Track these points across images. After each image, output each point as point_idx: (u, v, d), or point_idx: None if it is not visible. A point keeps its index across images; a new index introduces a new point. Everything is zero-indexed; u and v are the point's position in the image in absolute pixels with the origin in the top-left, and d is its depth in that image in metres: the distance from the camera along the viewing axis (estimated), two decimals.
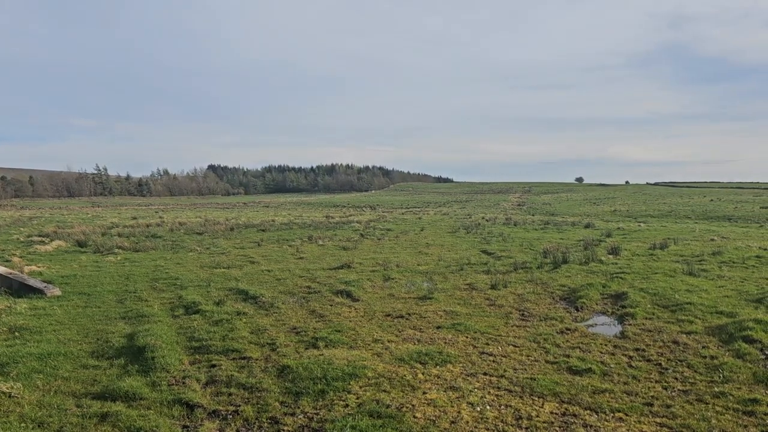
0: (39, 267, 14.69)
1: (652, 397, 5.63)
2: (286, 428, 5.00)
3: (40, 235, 24.63)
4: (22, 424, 4.96)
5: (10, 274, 11.81)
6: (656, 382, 6.07)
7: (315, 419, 5.13)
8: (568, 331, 8.14)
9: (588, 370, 6.38)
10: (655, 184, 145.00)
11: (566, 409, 5.34)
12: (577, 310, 9.53)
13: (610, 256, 15.52)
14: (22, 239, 23.43)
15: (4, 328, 8.24)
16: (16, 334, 7.99)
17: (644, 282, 11.49)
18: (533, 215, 45.98)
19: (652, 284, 11.16)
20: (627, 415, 5.20)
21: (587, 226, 28.97)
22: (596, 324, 8.72)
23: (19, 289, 11.09)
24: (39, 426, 4.98)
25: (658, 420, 5.10)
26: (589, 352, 7.13)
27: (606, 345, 7.43)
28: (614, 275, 12.37)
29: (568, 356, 6.93)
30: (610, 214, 44.95)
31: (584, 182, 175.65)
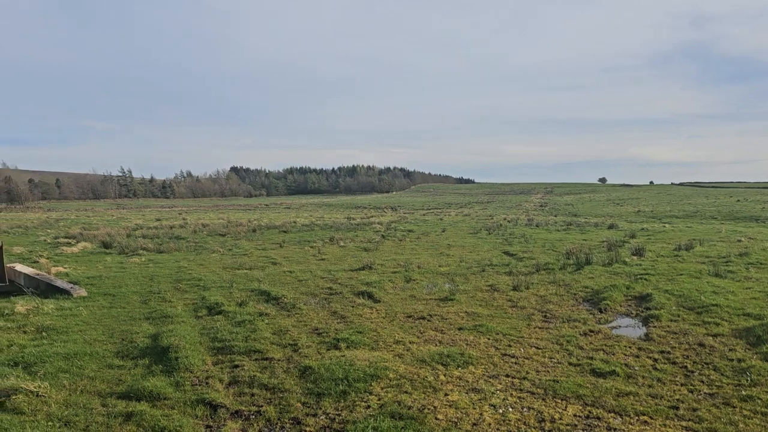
0: (65, 268, 14.96)
1: (678, 400, 5.54)
2: (308, 429, 5.01)
3: (66, 237, 25.09)
4: (50, 423, 5.05)
5: (38, 275, 12.04)
6: (682, 385, 5.97)
7: (337, 420, 5.14)
8: (592, 333, 8.05)
9: (612, 373, 6.30)
10: (680, 184, 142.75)
11: (590, 411, 5.28)
12: (601, 312, 9.41)
13: (634, 258, 15.31)
14: (49, 241, 23.89)
15: (32, 328, 8.41)
16: (44, 334, 8.14)
17: (669, 284, 11.31)
18: (555, 216, 45.59)
19: (678, 286, 10.98)
20: (652, 418, 5.13)
21: (610, 227, 28.63)
22: (620, 326, 8.60)
23: (46, 289, 11.31)
24: (66, 425, 5.06)
25: (684, 424, 5.01)
26: (613, 354, 7.04)
27: (630, 347, 7.32)
28: (638, 277, 12.20)
29: (591, 358, 6.85)
30: (633, 215, 44.35)
31: (607, 183, 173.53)
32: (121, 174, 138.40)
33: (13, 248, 19.91)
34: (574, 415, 5.20)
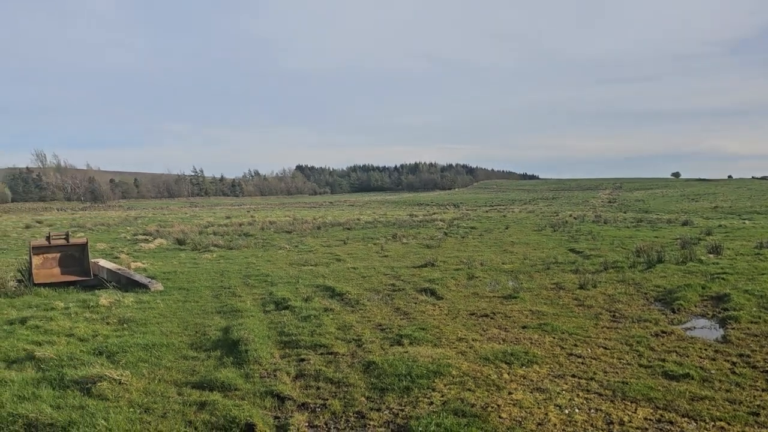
0: (143, 263, 15.75)
1: (758, 406, 5.27)
2: (371, 423, 5.09)
3: (144, 234, 26.41)
4: (131, 409, 5.35)
5: (119, 270, 12.74)
6: (763, 390, 5.67)
7: (400, 415, 5.20)
8: (664, 334, 7.76)
9: (686, 376, 6.05)
10: (762, 178, 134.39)
11: (661, 415, 5.11)
12: (674, 312, 9.05)
13: (711, 256, 14.61)
14: (128, 237, 25.23)
15: (114, 320, 8.92)
16: (125, 325, 8.63)
17: (749, 283, 10.73)
18: (625, 212, 44.00)
19: (759, 286, 10.41)
20: (729, 424, 4.90)
21: (685, 224, 27.39)
22: (695, 327, 8.25)
23: (126, 283, 11.95)
24: (145, 411, 5.35)
25: (764, 431, 4.77)
26: (687, 356, 6.77)
27: (706, 349, 7.02)
28: (715, 276, 11.64)
29: (663, 360, 6.62)
30: (710, 211, 42.24)
31: (681, 177, 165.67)
32: (193, 174, 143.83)
33: (97, 245, 21.13)
34: (645, 419, 5.04)
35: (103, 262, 13.50)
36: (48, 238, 12.55)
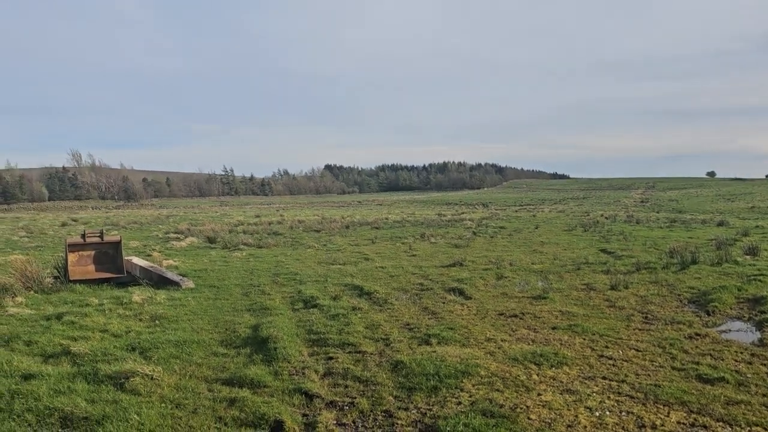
0: (175, 261, 16.02)
1: None
2: (399, 422, 5.10)
3: (175, 232, 26.87)
4: (163, 405, 5.45)
5: (151, 267, 12.99)
6: None
7: (428, 415, 5.19)
8: (698, 337, 7.59)
9: (720, 379, 5.91)
10: None
11: (695, 419, 4.99)
12: (708, 315, 8.84)
13: (747, 257, 14.24)
14: (160, 236, 25.70)
15: (147, 316, 9.10)
16: (157, 321, 8.79)
17: None
18: (658, 212, 43.15)
19: None
20: (766, 429, 4.77)
21: (720, 224, 26.75)
22: (730, 330, 8.05)
23: (158, 281, 12.17)
24: (176, 407, 5.44)
25: None
26: (722, 359, 6.61)
27: (741, 353, 6.84)
28: (752, 277, 11.34)
29: (697, 363, 6.47)
30: (747, 211, 41.15)
31: (716, 177, 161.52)
32: (224, 173, 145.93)
33: (130, 242, 21.58)
34: (678, 422, 4.94)
35: (136, 260, 13.78)
36: (83, 236, 12.85)
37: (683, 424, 4.92)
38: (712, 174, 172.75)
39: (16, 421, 5.08)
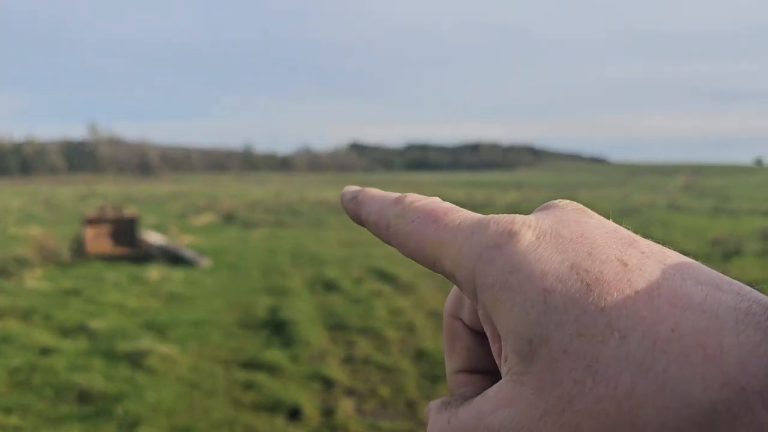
0: (192, 239, 15.94)
1: None
2: (422, 412, 4.91)
3: (193, 209, 26.85)
4: (179, 385, 5.33)
5: (169, 244, 12.91)
6: None
7: None
8: None
9: None
10: None
11: None
12: None
13: None
14: (178, 212, 25.69)
15: (163, 295, 8.99)
16: (174, 300, 8.68)
17: None
18: (701, 200, 42.32)
19: None
20: None
21: (767, 214, 26.04)
22: None
23: (175, 259, 12.07)
24: (193, 387, 5.31)
25: None
26: None
27: None
28: None
29: None
30: None
31: (764, 164, 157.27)
32: (244, 149, 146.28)
33: (147, 218, 21.59)
34: None
35: (154, 237, 13.71)
36: (101, 210, 12.81)
37: None
38: (759, 162, 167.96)
39: (35, 395, 5.03)
